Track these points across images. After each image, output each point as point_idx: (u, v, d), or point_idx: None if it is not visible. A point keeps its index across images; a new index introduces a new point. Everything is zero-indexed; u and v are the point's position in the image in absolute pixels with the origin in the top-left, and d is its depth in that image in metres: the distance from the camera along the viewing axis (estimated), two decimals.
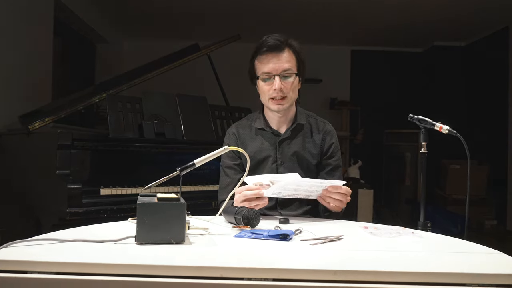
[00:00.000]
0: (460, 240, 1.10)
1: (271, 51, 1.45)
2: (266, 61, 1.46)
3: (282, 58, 1.46)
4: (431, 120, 1.33)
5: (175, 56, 3.01)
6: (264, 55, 1.46)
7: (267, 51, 1.46)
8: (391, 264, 0.86)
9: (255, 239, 1.05)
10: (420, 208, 1.35)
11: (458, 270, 0.82)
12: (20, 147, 2.41)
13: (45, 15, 3.65)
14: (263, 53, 1.47)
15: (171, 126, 2.50)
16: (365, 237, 1.12)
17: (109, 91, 2.47)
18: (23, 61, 3.25)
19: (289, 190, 1.32)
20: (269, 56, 1.46)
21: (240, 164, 1.57)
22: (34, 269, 0.79)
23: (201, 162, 1.22)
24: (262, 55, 1.47)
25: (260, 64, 1.48)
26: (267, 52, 1.46)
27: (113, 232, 1.07)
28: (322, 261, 0.89)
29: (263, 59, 1.47)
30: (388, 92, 5.88)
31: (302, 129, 1.56)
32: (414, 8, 4.45)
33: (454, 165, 4.86)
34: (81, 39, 4.92)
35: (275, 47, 1.45)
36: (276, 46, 1.45)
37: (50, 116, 2.30)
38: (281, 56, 1.46)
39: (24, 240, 0.92)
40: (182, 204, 0.96)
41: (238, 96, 3.52)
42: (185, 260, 0.85)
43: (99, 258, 0.84)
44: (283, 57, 1.46)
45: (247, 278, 0.78)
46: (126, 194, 2.18)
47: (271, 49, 1.45)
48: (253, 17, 4.84)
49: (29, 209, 2.25)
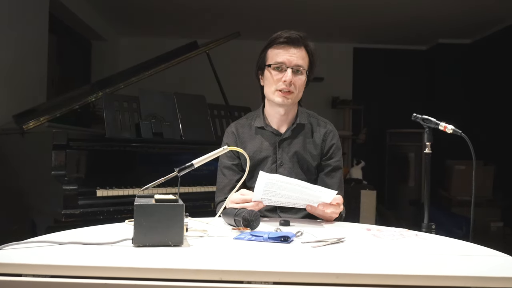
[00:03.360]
0: (465, 243, 1.09)
1: (288, 43, 1.45)
2: (283, 51, 1.45)
3: (298, 53, 1.45)
4: (435, 119, 1.32)
5: (173, 54, 2.99)
6: (281, 45, 1.45)
7: (285, 43, 1.45)
8: (394, 267, 0.85)
9: (255, 241, 1.04)
10: (424, 210, 1.34)
11: (463, 273, 0.81)
12: (14, 147, 2.39)
13: (40, 12, 3.62)
14: (280, 43, 1.46)
15: (169, 125, 2.48)
16: (367, 239, 1.11)
17: (105, 90, 2.45)
18: (17, 58, 3.23)
19: (280, 196, 1.28)
20: (286, 47, 1.45)
21: (238, 164, 1.55)
22: (29, 272, 0.79)
23: (200, 162, 1.21)
24: (279, 45, 1.46)
25: (274, 52, 1.46)
26: (285, 43, 1.45)
27: (110, 234, 1.06)
28: (324, 264, 0.88)
29: (279, 48, 1.46)
30: (391, 91, 5.83)
31: (303, 129, 1.54)
32: (418, 4, 4.41)
33: (459, 165, 4.82)
34: (77, 36, 4.90)
35: (293, 41, 1.45)
36: (295, 40, 1.45)
37: (45, 115, 2.27)
38: (297, 51, 1.45)
39: (18, 242, 0.91)
40: (180, 206, 0.95)
41: (238, 95, 3.51)
42: (184, 263, 0.84)
43: (95, 261, 0.83)
44: (299, 53, 1.45)
45: (247, 282, 0.77)
46: (123, 195, 2.16)
47: (289, 41, 1.45)
48: (253, 13, 4.81)
49: (23, 210, 2.23)
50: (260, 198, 1.28)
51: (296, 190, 1.26)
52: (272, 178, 1.25)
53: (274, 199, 1.29)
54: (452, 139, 1.62)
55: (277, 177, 1.26)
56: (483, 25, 5.06)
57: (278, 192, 1.26)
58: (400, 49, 5.93)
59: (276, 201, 1.29)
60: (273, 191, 1.26)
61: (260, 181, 1.25)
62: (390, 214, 4.98)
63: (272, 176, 1.25)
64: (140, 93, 2.45)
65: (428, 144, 1.33)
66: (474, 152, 1.27)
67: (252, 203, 1.29)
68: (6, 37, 3.08)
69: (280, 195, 1.27)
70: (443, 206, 4.86)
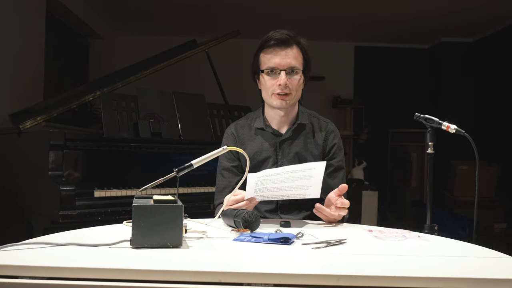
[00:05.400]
0: (468, 244, 1.09)
1: (278, 45, 1.42)
2: (273, 55, 1.43)
3: (290, 54, 1.43)
4: (438, 119, 1.31)
5: (172, 52, 2.98)
6: (271, 48, 1.43)
7: (274, 45, 1.42)
8: (396, 269, 0.84)
9: (255, 242, 1.03)
10: (426, 211, 1.33)
11: (466, 275, 0.80)
12: (10, 147, 2.38)
13: (37, 10, 3.60)
14: (270, 47, 1.43)
15: (167, 125, 2.47)
16: (369, 241, 1.10)
17: (103, 89, 2.45)
18: (14, 57, 3.21)
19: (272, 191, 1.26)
20: (277, 50, 1.42)
21: (238, 166, 1.54)
22: (26, 274, 0.78)
23: (199, 163, 1.19)
24: (269, 48, 1.43)
25: (266, 57, 1.44)
26: (275, 46, 1.42)
27: (108, 235, 1.05)
28: (325, 265, 0.88)
29: (269, 53, 1.43)
30: (393, 90, 5.82)
31: (304, 129, 1.53)
32: (421, 2, 4.40)
33: (462, 166, 4.80)
34: (74, 34, 4.88)
35: (283, 42, 1.42)
36: (284, 40, 1.42)
37: (42, 115, 2.27)
38: (289, 51, 1.43)
39: (15, 243, 0.91)
40: (179, 207, 0.94)
41: (238, 94, 3.50)
42: (183, 264, 0.84)
43: (93, 262, 0.82)
44: (290, 53, 1.43)
45: (246, 284, 0.77)
46: (121, 196, 2.16)
47: (279, 43, 1.42)
48: (254, 11, 4.80)
49: (20, 211, 2.23)
50: (252, 195, 1.27)
51: (286, 179, 1.24)
52: (260, 175, 1.24)
53: (267, 194, 1.26)
54: (455, 139, 1.61)
55: (264, 172, 1.24)
56: (486, 24, 5.05)
57: (270, 186, 1.24)
58: (402, 47, 5.92)
59: (269, 195, 1.27)
60: (264, 187, 1.24)
61: (250, 182, 1.24)
62: (392, 215, 4.97)
63: (260, 174, 1.24)
64: (138, 92, 2.44)
65: (431, 144, 1.32)
66: (477, 152, 1.26)
67: (244, 202, 1.27)
68: (2, 36, 3.06)
69: (272, 189, 1.25)
70: (446, 207, 4.84)
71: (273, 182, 1.24)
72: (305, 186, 1.25)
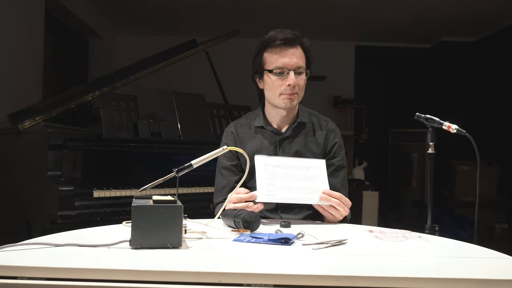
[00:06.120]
0: (469, 245, 1.08)
1: (285, 45, 1.41)
2: (280, 54, 1.41)
3: (296, 53, 1.42)
4: (438, 119, 1.31)
5: (171, 52, 2.97)
6: (278, 48, 1.41)
7: (281, 44, 1.41)
8: (397, 270, 0.84)
9: (255, 243, 1.02)
10: (427, 211, 1.33)
11: (467, 276, 0.80)
12: (9, 147, 2.37)
13: (36, 9, 3.60)
14: (276, 46, 1.41)
15: (167, 125, 2.46)
16: (370, 241, 1.10)
17: (102, 89, 2.44)
18: (13, 57, 3.20)
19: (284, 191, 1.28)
20: (284, 50, 1.41)
21: (237, 165, 1.53)
22: (25, 275, 0.78)
23: (199, 163, 1.19)
24: (275, 48, 1.42)
25: (273, 57, 1.42)
26: (282, 45, 1.41)
27: (107, 236, 1.05)
28: (325, 266, 0.88)
29: (276, 52, 1.42)
30: (394, 90, 5.81)
31: (304, 127, 1.53)
32: (422, 1, 4.40)
33: (463, 166, 4.80)
34: (73, 34, 4.87)
35: (289, 41, 1.41)
36: (291, 40, 1.41)
37: (41, 115, 2.26)
38: (295, 51, 1.42)
39: (14, 244, 0.90)
40: (178, 207, 0.94)
41: (237, 94, 3.50)
42: (182, 265, 0.83)
43: (92, 263, 0.82)
44: (297, 52, 1.42)
45: (246, 284, 0.76)
46: (120, 196, 2.15)
47: (286, 42, 1.41)
48: (254, 11, 4.79)
49: (19, 212, 2.22)
50: (265, 193, 1.27)
51: (293, 175, 1.28)
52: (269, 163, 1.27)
53: (280, 196, 1.29)
54: (456, 139, 1.61)
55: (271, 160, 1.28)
56: (487, 23, 5.04)
57: (279, 185, 1.27)
58: (402, 47, 5.91)
59: (281, 197, 1.29)
60: (273, 183, 1.27)
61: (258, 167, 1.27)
62: (393, 216, 4.96)
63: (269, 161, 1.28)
64: (137, 92, 2.44)
65: (432, 144, 1.31)
66: (478, 152, 1.26)
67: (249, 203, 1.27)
68: (1, 36, 3.06)
69: (281, 189, 1.27)
70: (446, 207, 4.83)
71: (282, 179, 1.26)
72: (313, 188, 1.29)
